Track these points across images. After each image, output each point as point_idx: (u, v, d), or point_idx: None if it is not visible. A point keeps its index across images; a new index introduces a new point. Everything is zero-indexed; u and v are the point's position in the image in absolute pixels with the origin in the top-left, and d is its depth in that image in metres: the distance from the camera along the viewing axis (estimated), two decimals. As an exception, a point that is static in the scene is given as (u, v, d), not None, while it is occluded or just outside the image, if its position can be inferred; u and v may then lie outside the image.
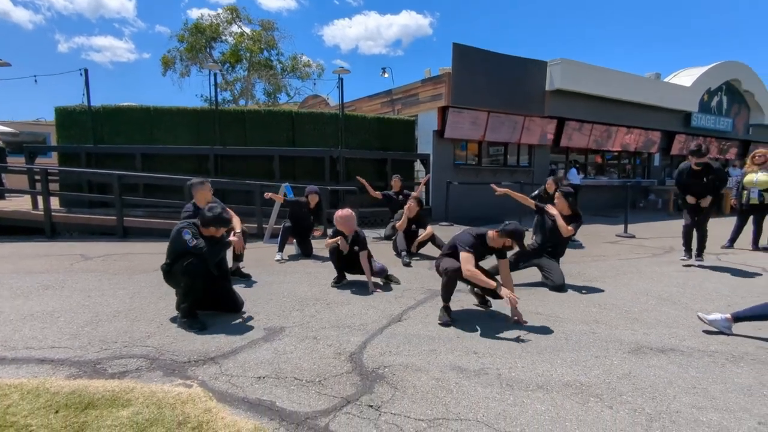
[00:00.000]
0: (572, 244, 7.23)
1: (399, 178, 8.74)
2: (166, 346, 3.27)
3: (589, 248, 7.83)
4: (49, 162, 12.42)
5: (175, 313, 3.85)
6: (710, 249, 6.54)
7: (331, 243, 4.99)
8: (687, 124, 16.56)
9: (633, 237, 9.15)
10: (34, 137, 16.60)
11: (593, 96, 13.44)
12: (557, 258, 5.35)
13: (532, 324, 3.85)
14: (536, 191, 7.64)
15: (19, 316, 3.89)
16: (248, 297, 4.41)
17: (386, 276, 5.22)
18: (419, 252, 6.92)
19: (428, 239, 6.82)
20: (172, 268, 3.77)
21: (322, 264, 6.18)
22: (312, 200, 6.73)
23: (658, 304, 4.49)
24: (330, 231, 5.18)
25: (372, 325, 3.77)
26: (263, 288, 4.99)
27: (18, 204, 9.92)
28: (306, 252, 6.85)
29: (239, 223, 4.90)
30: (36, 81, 10.96)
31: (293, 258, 6.72)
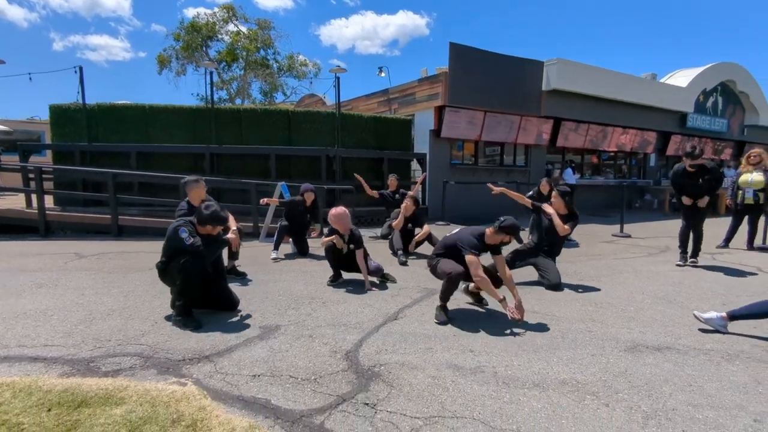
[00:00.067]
0: (568, 244, 7.23)
1: (395, 178, 8.73)
2: (161, 344, 3.25)
3: (586, 248, 7.85)
4: (44, 160, 12.36)
5: (170, 312, 3.82)
6: (706, 249, 6.56)
7: (327, 241, 4.97)
8: (683, 125, 16.62)
9: (629, 237, 9.17)
10: (29, 136, 16.51)
11: (589, 96, 13.46)
12: (553, 257, 5.35)
13: (529, 322, 3.84)
14: (530, 192, 7.63)
15: (12, 315, 3.85)
16: (244, 295, 4.39)
17: (382, 275, 5.20)
18: (415, 251, 6.91)
19: (425, 238, 6.83)
20: (168, 266, 3.74)
21: (318, 263, 6.16)
22: (308, 198, 6.70)
23: (654, 303, 4.50)
24: (326, 230, 5.16)
25: (368, 324, 3.75)
26: (259, 286, 4.97)
27: (12, 202, 9.87)
28: (302, 251, 6.83)
29: (234, 222, 4.88)
30: (30, 79, 10.90)
31: (289, 257, 6.70)
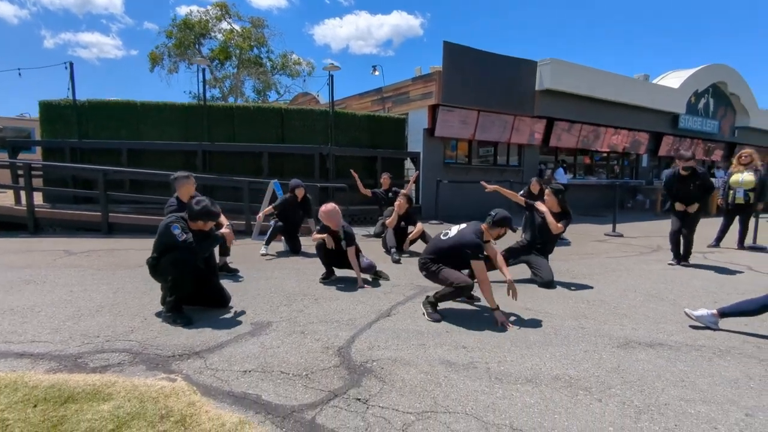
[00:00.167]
0: (559, 242, 7.22)
1: (388, 176, 8.70)
2: (150, 341, 3.21)
3: (578, 246, 7.87)
4: (34, 158, 12.19)
5: (160, 308, 3.78)
6: (697, 248, 6.59)
7: (318, 238, 4.94)
8: (675, 126, 16.75)
9: (621, 236, 9.21)
10: (18, 133, 16.29)
11: (582, 96, 13.52)
12: (546, 255, 5.35)
13: (521, 319, 3.84)
14: (521, 191, 7.60)
15: (-2, 311, 3.78)
16: (235, 292, 4.35)
17: (375, 272, 5.18)
18: (409, 249, 6.90)
19: (419, 237, 6.82)
20: (159, 262, 3.70)
21: (311, 260, 6.12)
22: (299, 193, 6.70)
23: (646, 301, 4.51)
24: (317, 227, 5.12)
25: (360, 320, 3.73)
26: (251, 283, 4.93)
27: (0, 199, 9.72)
28: (294, 248, 6.79)
29: (225, 219, 4.83)
30: (20, 74, 10.72)
31: (281, 254, 6.66)
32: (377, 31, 61.54)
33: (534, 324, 3.73)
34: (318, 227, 5.11)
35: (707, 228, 8.21)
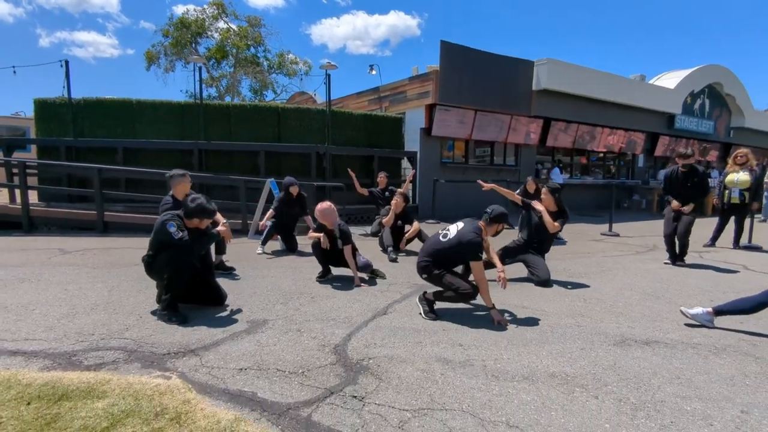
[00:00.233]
0: (556, 241, 7.25)
1: (385, 175, 8.69)
2: (145, 339, 3.19)
3: (575, 246, 7.88)
4: (29, 157, 12.10)
5: (155, 306, 3.76)
6: (693, 248, 6.62)
7: (314, 237, 4.93)
8: (671, 126, 16.80)
9: (617, 235, 9.24)
10: (13, 131, 16.20)
11: (579, 96, 13.53)
12: (543, 254, 5.36)
13: (518, 317, 3.84)
14: (517, 190, 7.61)
15: (-8, 309, 3.76)
16: (231, 290, 4.33)
17: (372, 271, 5.18)
18: (406, 248, 6.90)
19: (415, 235, 6.82)
20: (155, 260, 3.68)
21: (307, 259, 6.10)
22: (293, 191, 6.71)
23: (642, 299, 4.52)
24: (314, 224, 5.12)
25: (357, 318, 3.72)
26: (247, 282, 4.91)
27: (-5, 198, 9.65)
28: (291, 247, 6.77)
29: (221, 217, 4.83)
30: (15, 72, 10.67)
31: (278, 253, 6.64)
32: (374, 31, 61.55)
33: (530, 322, 3.73)
34: (314, 225, 5.10)
35: (703, 228, 8.24)
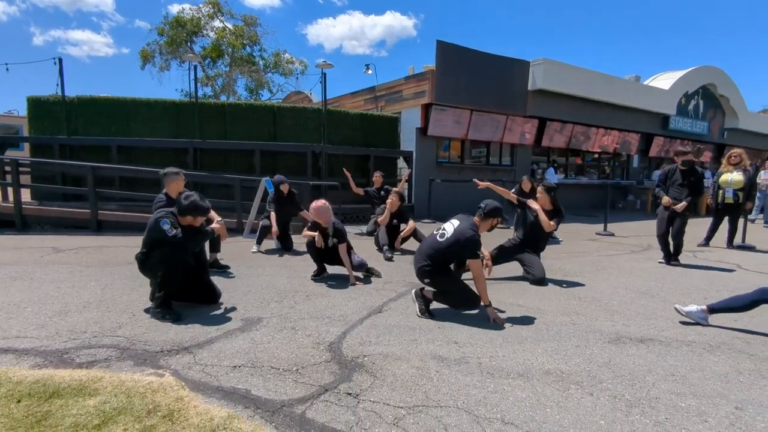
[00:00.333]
0: (551, 241, 7.23)
1: (381, 175, 8.67)
2: (138, 336, 3.16)
3: (570, 245, 7.90)
4: (22, 155, 12.01)
5: (149, 304, 3.73)
6: (687, 247, 6.63)
7: (308, 235, 4.91)
8: (665, 127, 16.89)
9: (612, 235, 9.27)
10: (6, 129, 16.10)
11: (575, 97, 13.58)
12: (538, 253, 5.36)
13: (513, 315, 3.84)
14: (512, 189, 7.60)
15: (-17, 307, 3.72)
16: (226, 288, 4.30)
17: (367, 269, 5.16)
18: (401, 247, 6.89)
19: (411, 234, 6.81)
20: (149, 258, 3.65)
21: (302, 257, 6.08)
22: (284, 189, 6.74)
23: (637, 298, 4.53)
24: (309, 223, 5.10)
25: (352, 316, 3.71)
26: (241, 280, 4.89)
27: (-13, 196, 9.56)
28: (286, 246, 6.75)
29: (215, 215, 4.79)
30: (8, 69, 10.56)
31: (273, 251, 6.61)
32: (371, 32, 61.59)
33: (526, 320, 3.73)
34: (309, 224, 5.08)
35: (697, 227, 8.28)
